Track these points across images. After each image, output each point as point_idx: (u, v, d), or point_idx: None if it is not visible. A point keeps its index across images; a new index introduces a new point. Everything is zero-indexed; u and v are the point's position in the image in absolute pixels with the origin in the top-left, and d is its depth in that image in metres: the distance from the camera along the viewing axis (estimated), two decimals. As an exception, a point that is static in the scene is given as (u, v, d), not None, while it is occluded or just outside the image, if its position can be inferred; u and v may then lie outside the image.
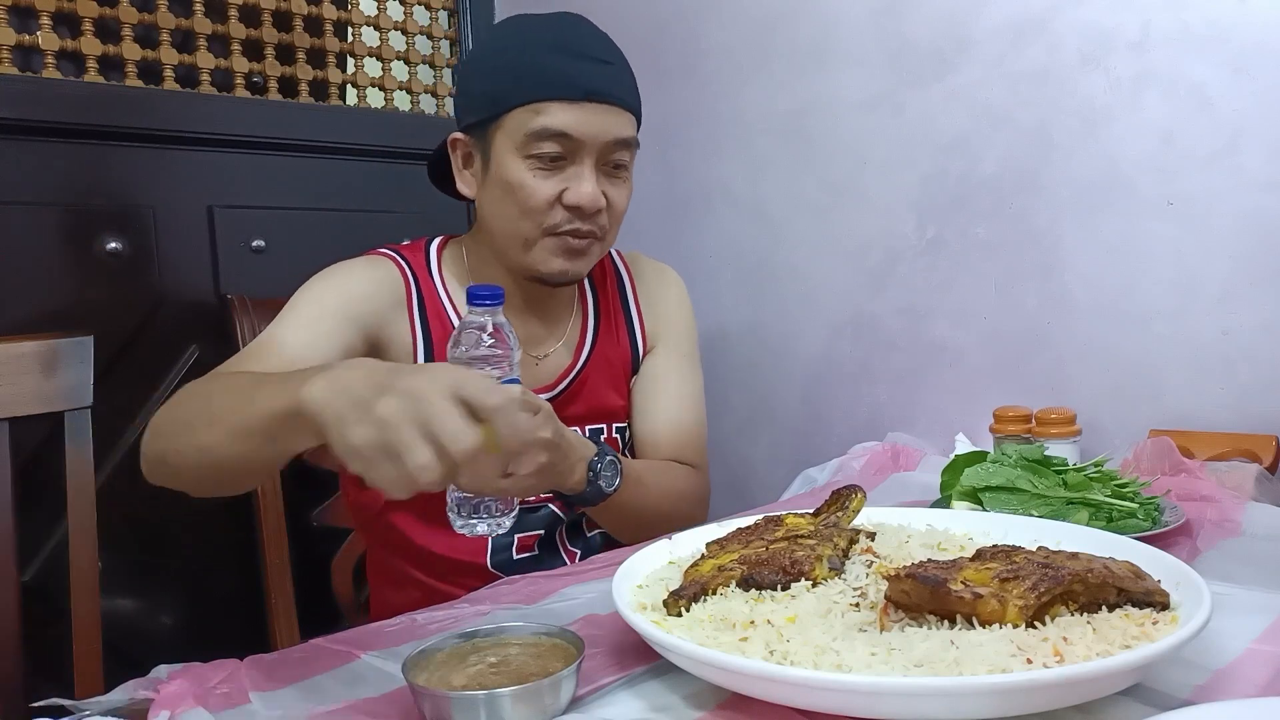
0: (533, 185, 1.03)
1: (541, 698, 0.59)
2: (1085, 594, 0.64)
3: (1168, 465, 1.12)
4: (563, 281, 1.09)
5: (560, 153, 1.02)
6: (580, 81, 1.01)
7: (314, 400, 0.65)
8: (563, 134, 1.01)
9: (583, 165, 1.03)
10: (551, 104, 1.01)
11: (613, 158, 1.06)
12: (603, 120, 1.03)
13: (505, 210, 1.05)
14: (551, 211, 1.04)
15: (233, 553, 1.54)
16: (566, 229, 1.04)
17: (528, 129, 1.01)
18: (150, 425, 0.87)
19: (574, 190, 1.03)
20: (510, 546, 1.12)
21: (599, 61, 1.04)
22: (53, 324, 1.38)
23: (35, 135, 1.39)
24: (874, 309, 1.58)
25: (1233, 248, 1.21)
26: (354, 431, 0.62)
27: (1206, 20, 1.21)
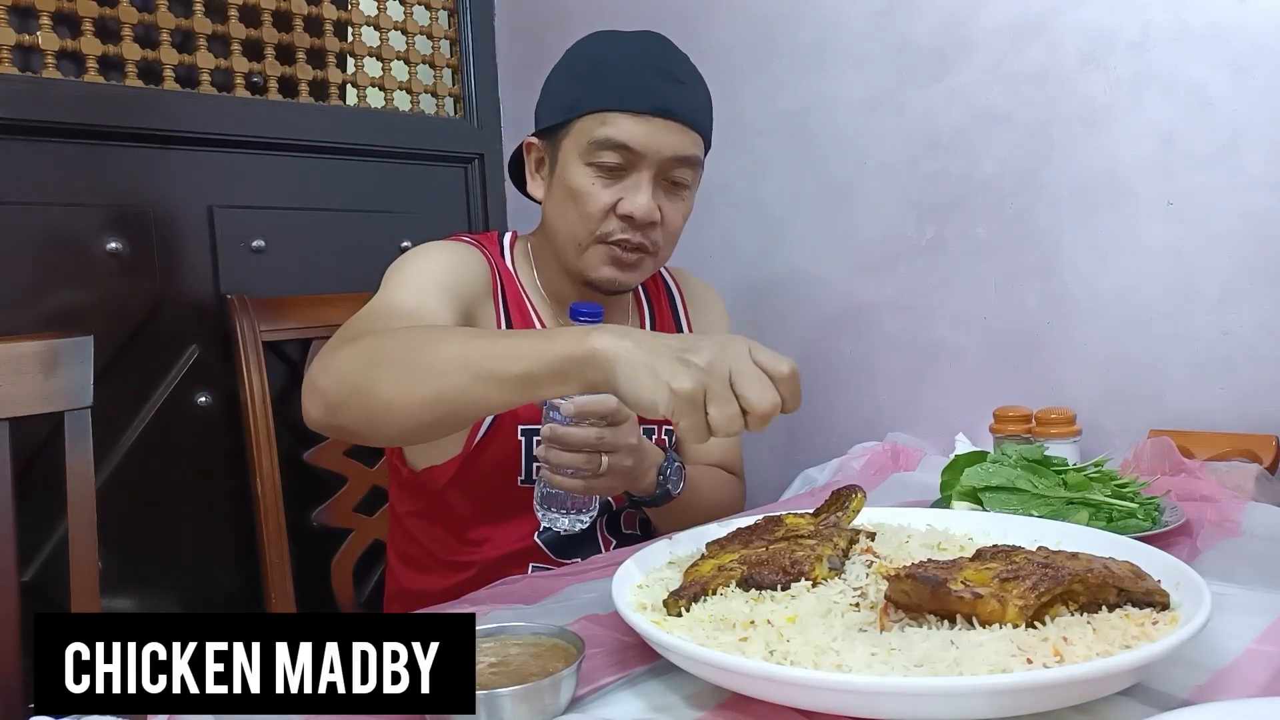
0: (591, 192, 1.06)
1: (541, 698, 0.59)
2: (1085, 594, 0.64)
3: (1168, 465, 1.12)
4: (612, 290, 1.13)
5: (620, 163, 1.05)
6: (648, 96, 1.04)
7: (608, 349, 0.70)
8: (624, 145, 1.04)
9: (641, 177, 1.06)
10: (618, 115, 1.04)
11: (673, 174, 1.09)
12: (666, 136, 1.05)
13: (565, 213, 1.09)
14: (606, 219, 1.07)
15: (233, 553, 1.54)
16: (618, 238, 1.08)
17: (592, 137, 1.05)
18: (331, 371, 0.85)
19: (628, 200, 1.06)
20: None
21: (672, 79, 1.07)
22: (53, 324, 1.38)
23: (35, 135, 1.39)
24: (874, 309, 1.58)
25: (1233, 248, 1.21)
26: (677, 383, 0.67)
27: (1206, 20, 1.21)
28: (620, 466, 0.96)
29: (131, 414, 1.49)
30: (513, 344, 0.77)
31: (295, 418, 1.53)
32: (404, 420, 0.81)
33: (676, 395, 0.68)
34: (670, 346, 0.70)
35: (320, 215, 1.71)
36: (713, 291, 1.38)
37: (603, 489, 0.97)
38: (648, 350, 0.70)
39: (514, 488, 1.14)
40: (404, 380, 0.80)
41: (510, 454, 1.12)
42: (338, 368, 0.84)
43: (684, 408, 0.68)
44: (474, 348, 0.78)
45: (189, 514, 1.54)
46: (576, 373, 0.72)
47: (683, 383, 0.68)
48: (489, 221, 1.98)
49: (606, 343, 0.71)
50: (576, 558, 1.15)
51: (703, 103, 1.12)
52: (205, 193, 1.56)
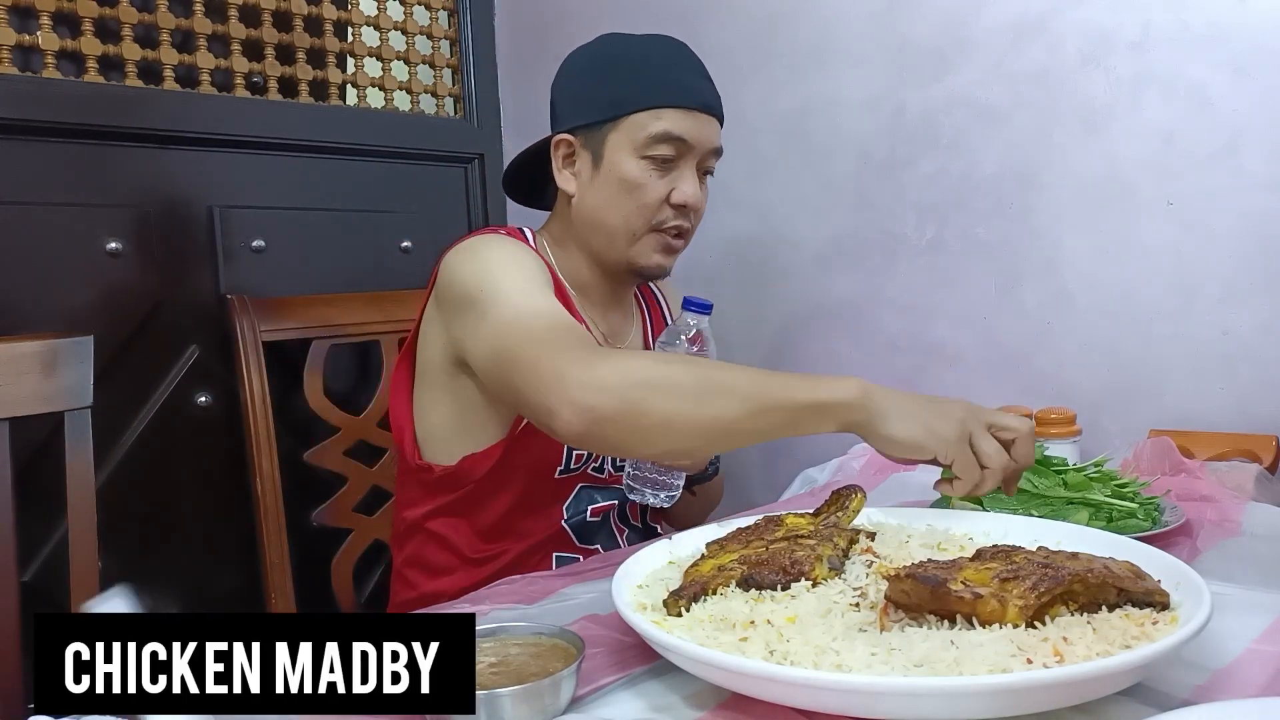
0: (647, 183, 1.12)
1: (541, 698, 0.59)
2: (1085, 594, 0.64)
3: (1168, 465, 1.12)
4: (657, 275, 1.20)
5: (671, 155, 1.12)
6: (695, 93, 1.13)
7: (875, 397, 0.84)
8: (680, 139, 1.11)
9: (687, 167, 1.14)
10: (672, 110, 1.11)
11: (707, 164, 1.17)
12: (708, 129, 1.15)
13: (618, 205, 1.14)
14: (660, 209, 1.14)
15: (233, 553, 1.54)
16: (670, 225, 1.15)
17: (649, 131, 1.11)
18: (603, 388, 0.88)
19: (680, 190, 1.13)
20: (586, 510, 1.21)
21: (705, 77, 1.17)
22: (53, 324, 1.38)
23: (35, 135, 1.39)
24: (874, 309, 1.58)
25: (1233, 248, 1.22)
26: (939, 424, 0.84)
27: (1206, 20, 1.21)
28: None
29: (131, 414, 1.49)
30: (783, 382, 0.87)
31: (295, 418, 1.54)
32: (677, 440, 0.89)
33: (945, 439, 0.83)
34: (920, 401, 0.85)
35: (320, 215, 1.71)
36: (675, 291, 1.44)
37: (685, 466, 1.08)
38: (909, 400, 0.85)
39: (550, 480, 1.16)
40: (683, 404, 0.87)
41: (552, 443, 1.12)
42: (611, 386, 0.88)
43: (956, 448, 0.83)
44: (750, 381, 0.88)
45: (189, 514, 1.54)
46: (840, 414, 0.85)
47: (948, 426, 0.83)
48: (489, 222, 1.98)
49: (872, 391, 0.84)
50: (597, 544, 1.21)
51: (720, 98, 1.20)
52: (205, 193, 1.56)
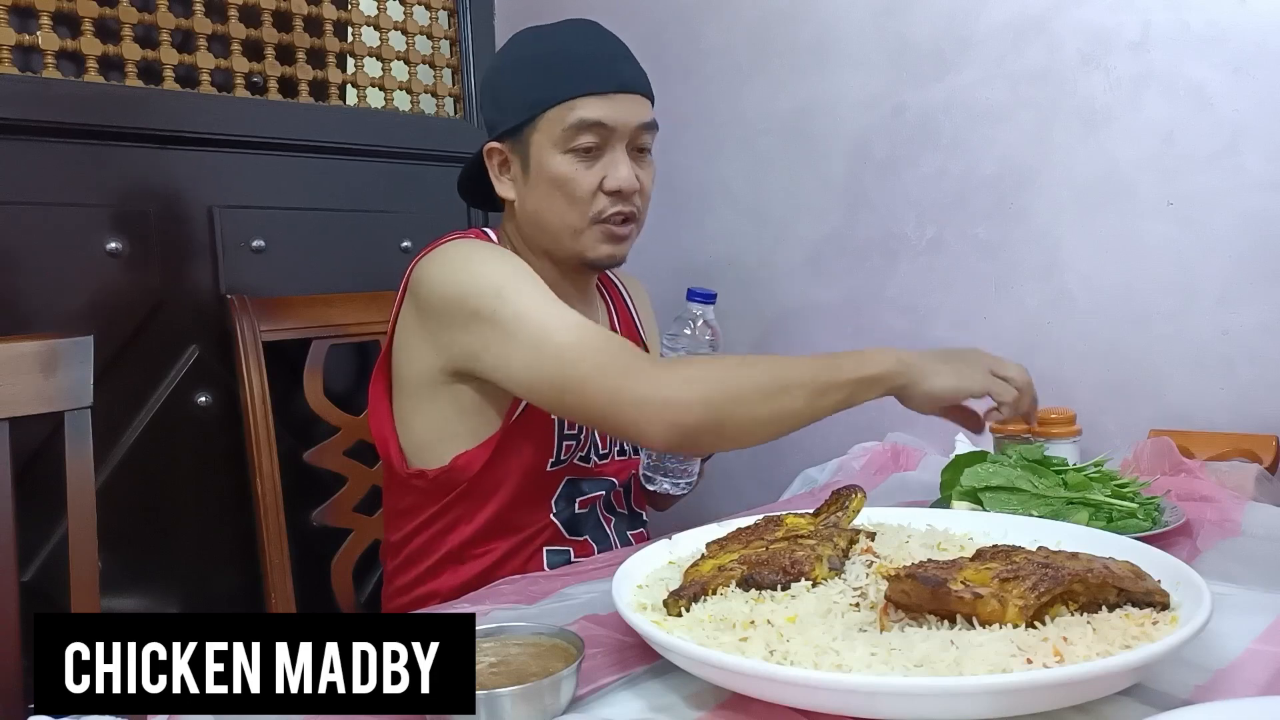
0: (576, 177, 1.11)
1: (541, 698, 0.59)
2: (1085, 594, 0.64)
3: (1168, 465, 1.12)
4: (610, 264, 1.18)
5: (596, 143, 1.10)
6: (608, 76, 1.11)
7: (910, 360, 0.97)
8: (598, 124, 1.09)
9: (616, 152, 1.11)
10: (585, 98, 1.09)
11: (640, 142, 1.14)
12: (630, 108, 1.12)
13: (553, 204, 1.13)
14: (595, 199, 1.12)
15: (233, 553, 1.54)
16: (610, 213, 1.12)
17: (565, 124, 1.09)
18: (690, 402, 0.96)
19: (612, 176, 1.11)
20: (574, 504, 1.20)
21: (620, 57, 1.14)
22: (53, 324, 1.38)
23: (35, 135, 1.39)
24: (874, 309, 1.58)
25: (1233, 248, 1.21)
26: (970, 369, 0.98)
27: (1206, 20, 1.21)
28: None
29: (131, 414, 1.49)
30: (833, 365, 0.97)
31: (295, 418, 1.54)
32: (758, 438, 0.99)
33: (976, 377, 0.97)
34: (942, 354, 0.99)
35: (320, 215, 1.71)
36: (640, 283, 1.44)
37: None
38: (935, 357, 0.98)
39: (543, 473, 1.16)
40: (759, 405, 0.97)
41: (545, 432, 1.14)
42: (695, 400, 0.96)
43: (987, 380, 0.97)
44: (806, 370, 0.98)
45: (189, 514, 1.54)
46: (887, 382, 0.96)
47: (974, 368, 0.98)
48: (488, 221, 1.98)
49: (905, 357, 0.97)
50: (585, 535, 1.20)
51: (644, 72, 1.18)
52: (205, 193, 1.56)
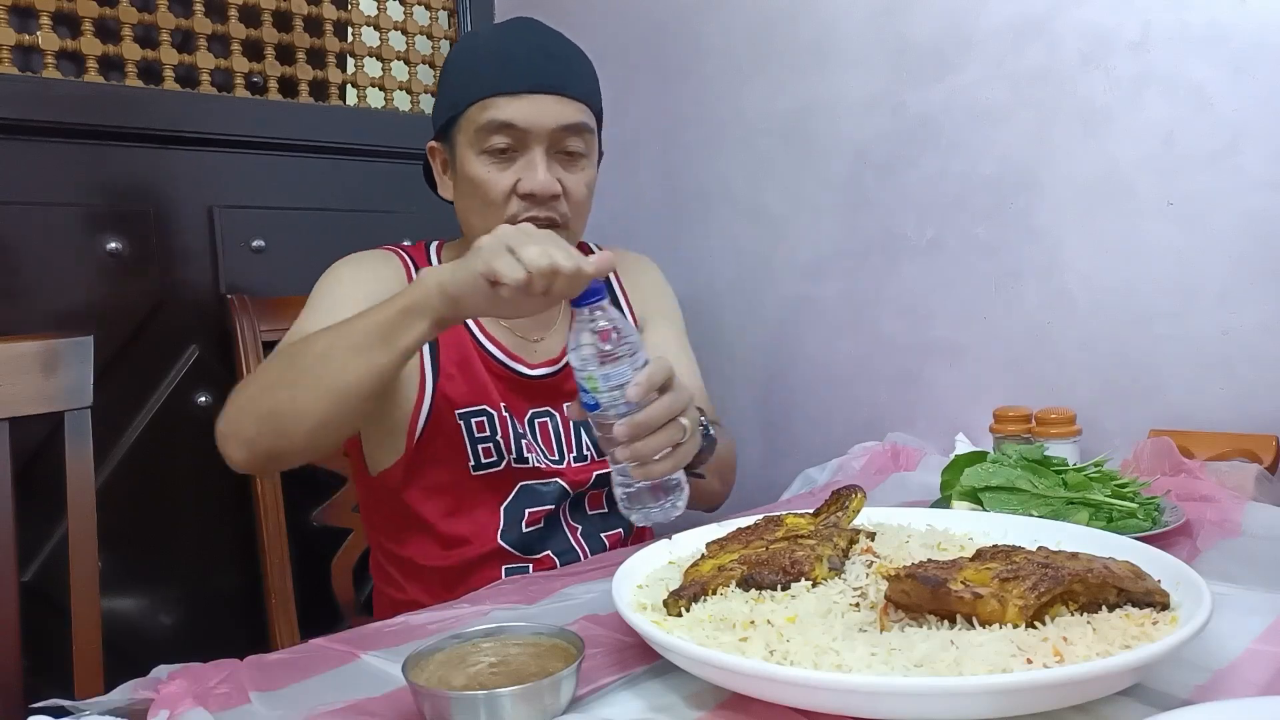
0: (488, 178, 1.08)
1: (541, 698, 0.59)
2: (1085, 594, 0.64)
3: (1168, 465, 1.12)
4: None
5: (510, 144, 1.07)
6: (522, 75, 1.07)
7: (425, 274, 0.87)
8: (509, 124, 1.06)
9: (533, 154, 1.08)
10: (497, 98, 1.07)
11: (565, 145, 1.10)
12: (548, 109, 1.07)
13: (471, 205, 1.12)
14: (509, 203, 1.08)
15: (233, 553, 1.55)
16: (524, 218, 1.07)
17: (478, 124, 1.07)
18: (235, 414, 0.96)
19: (526, 179, 1.07)
20: (521, 521, 1.14)
21: (544, 55, 1.10)
22: (53, 324, 1.38)
23: (35, 135, 1.39)
24: (874, 309, 1.58)
25: (1233, 248, 1.21)
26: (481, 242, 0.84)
27: (1206, 20, 1.21)
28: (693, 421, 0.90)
29: (131, 414, 1.49)
30: (367, 312, 0.90)
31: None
32: (315, 422, 0.91)
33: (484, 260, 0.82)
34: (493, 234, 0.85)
35: (320, 215, 1.71)
36: (647, 261, 1.37)
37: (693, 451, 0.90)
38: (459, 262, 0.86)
39: (468, 477, 1.13)
40: (298, 387, 0.91)
41: (455, 442, 1.12)
42: (240, 408, 0.95)
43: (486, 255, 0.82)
44: (339, 331, 0.91)
45: (189, 514, 1.54)
46: (426, 309, 0.87)
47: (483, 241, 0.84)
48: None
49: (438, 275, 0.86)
50: (545, 551, 1.14)
51: (579, 72, 1.12)
52: (205, 193, 1.56)
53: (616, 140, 1.93)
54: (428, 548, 1.15)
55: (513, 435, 1.13)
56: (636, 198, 1.92)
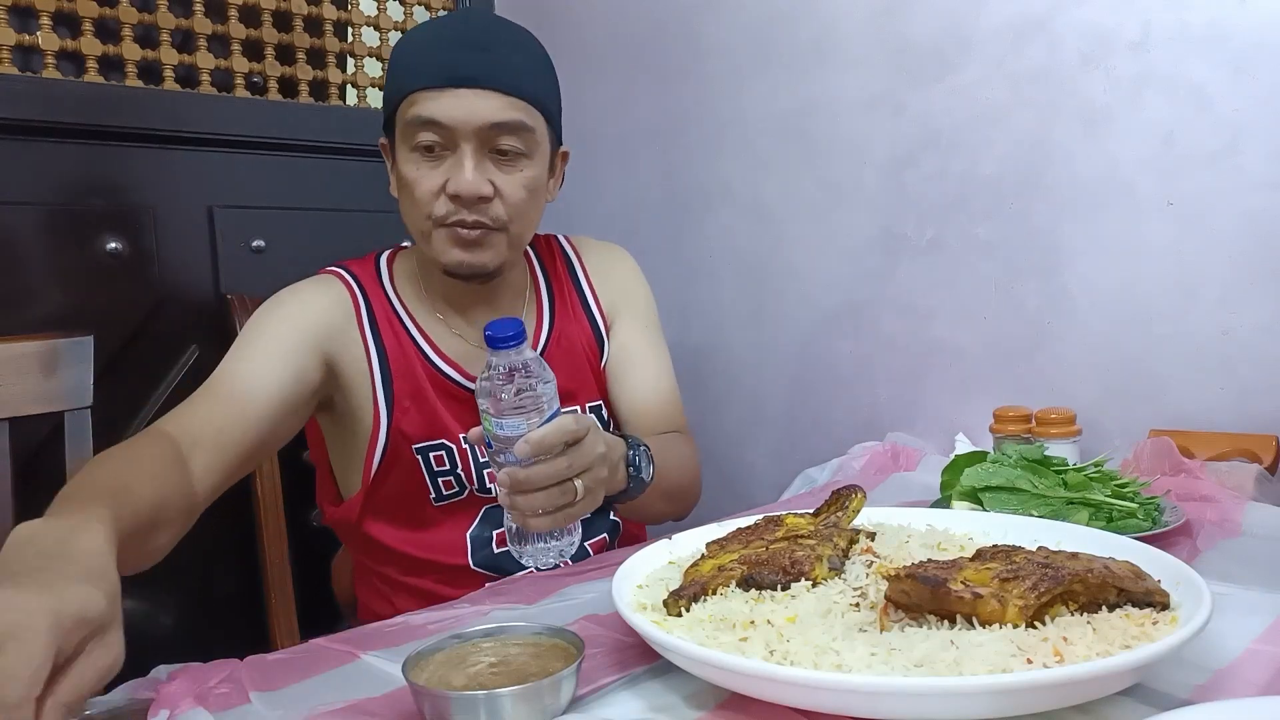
0: (417, 177, 1.03)
1: (541, 698, 0.58)
2: (1085, 594, 0.64)
3: (1168, 465, 1.12)
4: (466, 274, 1.07)
5: (437, 141, 1.02)
6: (444, 69, 1.00)
7: None
8: (431, 121, 1.00)
9: (462, 153, 1.02)
10: (421, 93, 1.01)
11: (497, 144, 1.02)
12: (473, 105, 1.00)
13: (405, 204, 1.08)
14: (437, 202, 1.03)
15: (233, 553, 1.54)
16: (452, 220, 1.03)
17: (405, 120, 1.03)
18: None
19: (454, 179, 1.02)
20: (490, 543, 1.12)
21: (474, 49, 1.02)
22: (53, 324, 1.38)
23: (35, 135, 1.39)
24: (874, 309, 1.58)
25: (1233, 248, 1.21)
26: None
27: (1206, 20, 1.21)
28: (596, 483, 0.85)
29: (131, 414, 1.49)
30: None
31: (295, 418, 1.54)
32: None
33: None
34: None
35: (320, 215, 1.71)
36: (619, 249, 1.30)
37: (585, 511, 0.85)
38: None
39: (430, 507, 1.11)
40: None
41: (414, 475, 1.10)
42: None
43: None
44: None
45: (189, 514, 1.54)
46: None
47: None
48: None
49: None
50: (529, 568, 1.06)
51: (517, 66, 1.04)
52: (205, 193, 1.56)
53: (616, 140, 1.94)
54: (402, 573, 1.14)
55: (474, 465, 1.11)
56: (636, 198, 1.92)
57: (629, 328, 1.24)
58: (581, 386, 1.20)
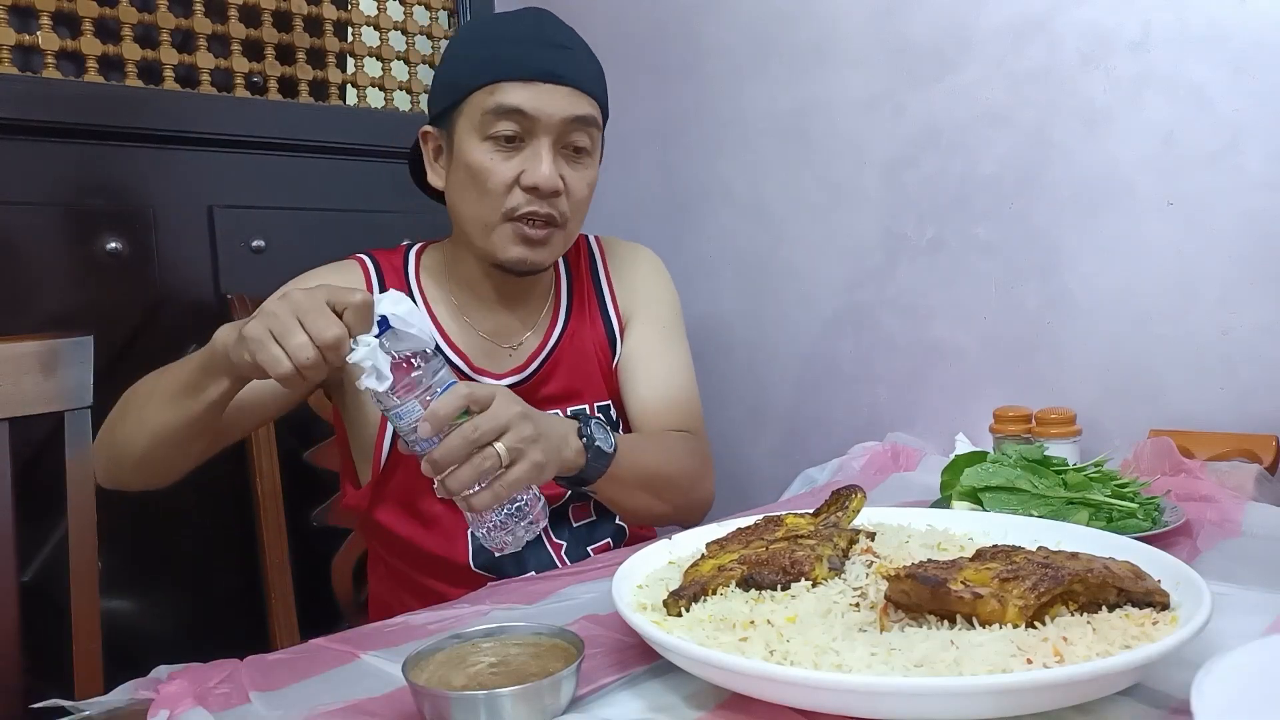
0: (491, 167, 1.04)
1: (541, 698, 0.59)
2: (1085, 594, 0.64)
3: (1168, 465, 1.12)
4: (524, 270, 1.10)
5: (517, 132, 1.03)
6: (534, 63, 1.03)
7: (218, 334, 0.85)
8: (518, 110, 1.02)
9: (539, 145, 1.04)
10: (507, 84, 1.03)
11: (571, 139, 1.06)
12: (558, 99, 1.04)
13: (467, 194, 1.07)
14: (510, 194, 1.05)
15: (233, 553, 1.54)
16: (524, 212, 1.05)
17: (485, 108, 1.03)
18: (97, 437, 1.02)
19: (531, 171, 1.03)
20: None
21: (556, 46, 1.06)
22: (53, 324, 1.38)
23: (35, 135, 1.39)
24: (874, 309, 1.58)
25: (1233, 248, 1.21)
26: (247, 329, 0.79)
27: (1206, 20, 1.21)
28: (522, 442, 0.83)
29: (131, 414, 1.49)
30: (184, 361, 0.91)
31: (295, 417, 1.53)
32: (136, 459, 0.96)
33: (246, 342, 0.78)
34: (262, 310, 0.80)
35: (320, 215, 1.71)
36: (645, 251, 1.31)
37: (524, 478, 0.84)
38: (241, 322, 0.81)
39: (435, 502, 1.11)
40: (124, 424, 0.96)
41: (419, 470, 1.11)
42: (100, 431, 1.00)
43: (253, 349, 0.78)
44: (163, 376, 0.94)
45: (189, 514, 1.54)
46: (218, 359, 0.85)
47: (248, 330, 0.79)
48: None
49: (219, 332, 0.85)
50: (530, 570, 1.09)
51: (591, 69, 1.10)
52: (205, 193, 1.56)
53: (616, 140, 1.93)
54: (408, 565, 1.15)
55: None
56: (636, 198, 1.92)
57: (643, 329, 1.23)
58: (588, 386, 1.20)
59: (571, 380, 1.18)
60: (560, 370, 1.18)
